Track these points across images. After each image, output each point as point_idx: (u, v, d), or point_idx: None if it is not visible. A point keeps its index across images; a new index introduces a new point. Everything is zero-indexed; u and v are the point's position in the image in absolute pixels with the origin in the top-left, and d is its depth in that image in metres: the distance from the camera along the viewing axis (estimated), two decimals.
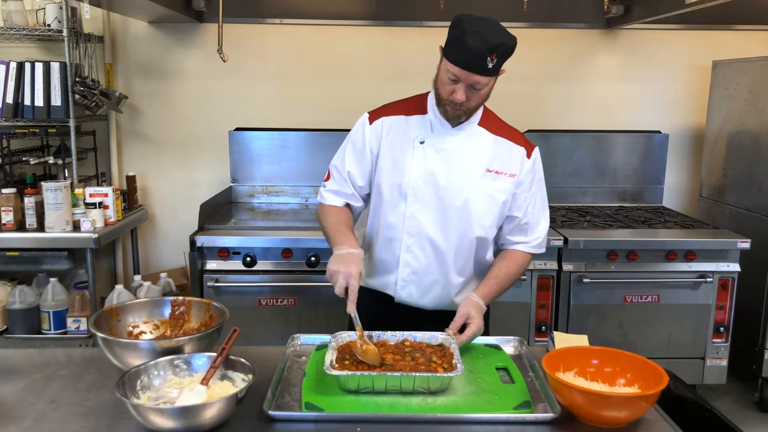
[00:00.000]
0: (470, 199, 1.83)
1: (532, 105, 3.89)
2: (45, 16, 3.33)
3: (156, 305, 1.80)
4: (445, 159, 1.83)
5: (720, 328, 3.15)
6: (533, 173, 1.90)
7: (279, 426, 1.39)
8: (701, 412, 1.63)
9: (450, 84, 1.72)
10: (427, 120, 1.86)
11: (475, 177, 1.83)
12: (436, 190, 1.82)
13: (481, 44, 1.65)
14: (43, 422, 1.39)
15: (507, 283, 1.90)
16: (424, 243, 1.85)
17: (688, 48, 3.89)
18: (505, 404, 1.46)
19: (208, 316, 1.76)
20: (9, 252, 3.06)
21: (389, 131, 1.87)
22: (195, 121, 3.82)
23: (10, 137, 3.33)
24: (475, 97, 1.75)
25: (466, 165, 1.83)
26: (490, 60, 1.67)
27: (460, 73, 1.69)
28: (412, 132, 1.86)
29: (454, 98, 1.73)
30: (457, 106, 1.75)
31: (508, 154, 1.86)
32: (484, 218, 1.85)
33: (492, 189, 1.84)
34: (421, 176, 1.82)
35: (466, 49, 1.66)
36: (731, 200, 3.59)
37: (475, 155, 1.84)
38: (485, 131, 1.87)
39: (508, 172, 1.85)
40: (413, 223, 1.84)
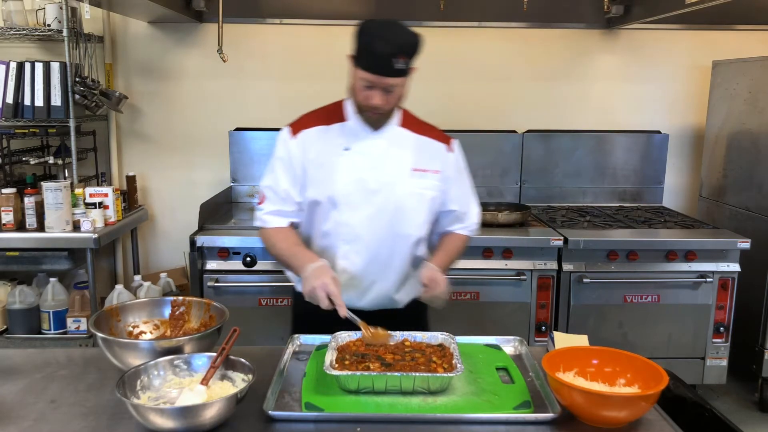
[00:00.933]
0: (401, 200, 1.86)
1: (532, 105, 3.90)
2: (45, 16, 3.33)
3: (156, 305, 1.80)
4: (372, 163, 1.86)
5: (720, 328, 3.15)
6: (456, 165, 1.97)
7: (279, 426, 1.39)
8: (701, 412, 1.63)
9: (365, 90, 1.75)
10: (349, 127, 1.89)
11: (403, 177, 1.87)
12: (367, 194, 1.85)
13: (387, 47, 1.70)
14: (43, 422, 1.39)
15: (454, 258, 1.98)
16: (359, 248, 1.87)
17: (688, 48, 3.89)
18: (505, 404, 1.46)
19: (208, 316, 1.76)
20: (9, 252, 3.06)
21: (313, 143, 1.88)
22: (195, 121, 3.82)
23: (10, 137, 3.33)
24: (391, 98, 1.78)
25: (392, 167, 1.87)
26: (398, 61, 1.71)
27: (373, 79, 1.72)
28: (336, 140, 1.87)
29: (372, 104, 1.75)
30: (376, 110, 1.78)
31: (431, 152, 1.91)
32: (416, 217, 1.89)
33: (420, 187, 1.88)
34: (350, 183, 1.85)
35: (374, 54, 1.71)
36: (731, 200, 3.59)
37: (400, 156, 1.88)
38: (407, 131, 1.91)
39: (432, 168, 1.90)
40: (347, 230, 1.87)
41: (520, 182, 3.84)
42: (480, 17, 3.77)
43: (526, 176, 3.84)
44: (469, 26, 3.79)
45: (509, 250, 3.06)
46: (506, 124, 3.89)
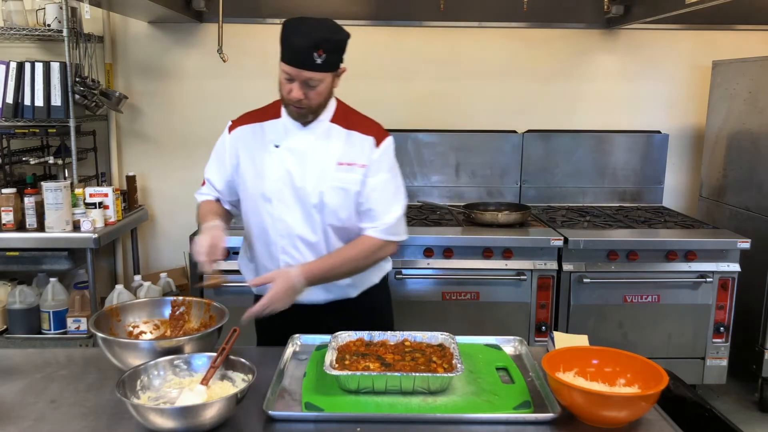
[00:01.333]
0: (325, 194, 1.86)
1: (532, 105, 3.90)
2: (45, 16, 3.33)
3: (156, 305, 1.81)
4: (299, 159, 1.88)
5: (720, 328, 3.15)
6: (382, 161, 1.90)
7: (279, 426, 1.39)
8: (701, 412, 1.63)
9: (287, 84, 1.79)
10: (280, 123, 1.92)
11: (328, 172, 1.87)
12: (295, 190, 1.88)
13: (305, 41, 1.72)
14: (43, 422, 1.39)
15: (344, 266, 1.87)
16: (295, 242, 1.90)
17: (688, 48, 3.89)
18: (505, 404, 1.46)
19: (208, 316, 1.76)
20: (9, 252, 3.07)
21: (246, 139, 1.94)
22: (195, 121, 3.82)
23: (10, 137, 3.33)
24: (313, 93, 1.79)
25: (318, 162, 1.88)
26: (318, 55, 1.72)
27: (291, 71, 1.75)
28: (267, 137, 1.92)
29: (292, 97, 1.78)
30: (297, 104, 1.80)
31: (358, 146, 1.90)
32: (341, 210, 1.89)
33: (344, 181, 1.87)
34: (280, 179, 1.88)
35: (292, 47, 1.74)
36: (731, 200, 3.59)
37: (327, 151, 1.88)
38: (338, 127, 1.91)
39: (359, 162, 1.88)
40: (282, 224, 1.90)
41: (520, 182, 3.85)
42: (480, 17, 3.77)
43: (526, 176, 3.84)
44: (469, 26, 3.79)
45: (509, 250, 3.06)
46: (506, 124, 3.89)
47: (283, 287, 1.75)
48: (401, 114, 3.83)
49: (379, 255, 1.92)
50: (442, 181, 3.83)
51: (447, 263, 3.06)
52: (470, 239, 3.05)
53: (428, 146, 3.79)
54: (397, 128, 3.79)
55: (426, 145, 3.78)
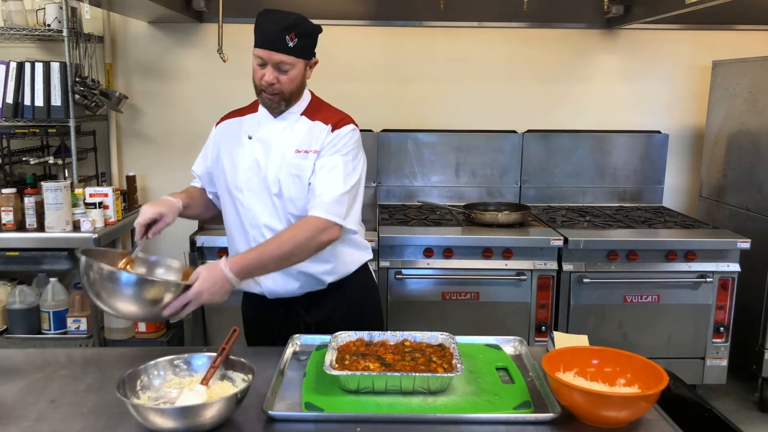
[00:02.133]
0: (282, 182, 1.88)
1: (532, 105, 3.90)
2: (45, 16, 3.33)
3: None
4: (265, 148, 1.91)
5: (720, 328, 3.15)
6: (333, 144, 1.87)
7: (279, 426, 1.39)
8: (701, 412, 1.63)
9: (260, 70, 1.83)
10: (256, 117, 1.97)
11: (286, 160, 1.89)
12: (261, 179, 1.90)
13: (276, 24, 1.79)
14: (43, 422, 1.39)
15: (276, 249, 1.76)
16: (263, 231, 1.92)
17: (688, 48, 3.89)
18: (505, 404, 1.46)
19: None
20: (9, 252, 3.06)
21: (225, 133, 2.01)
22: (195, 121, 3.81)
23: (10, 137, 3.33)
24: (285, 78, 1.82)
25: (280, 150, 1.90)
26: (290, 39, 1.78)
27: (263, 53, 1.80)
28: (244, 129, 1.97)
29: (265, 80, 1.82)
30: (269, 88, 1.83)
31: (317, 133, 1.90)
32: (297, 198, 1.88)
33: (299, 168, 1.87)
34: (250, 169, 1.91)
35: (264, 30, 1.80)
36: (731, 200, 3.59)
37: (289, 140, 1.90)
38: (305, 118, 1.93)
39: (313, 149, 1.88)
40: (251, 214, 1.93)
41: (520, 182, 3.85)
42: (480, 17, 3.77)
43: (526, 176, 3.84)
44: (469, 26, 3.80)
45: (509, 250, 3.06)
46: (506, 124, 3.89)
47: (208, 278, 1.63)
48: (401, 114, 3.84)
49: (320, 237, 1.79)
50: (442, 181, 3.83)
51: (447, 263, 3.06)
52: (470, 239, 3.06)
53: (428, 146, 3.79)
54: (397, 128, 3.79)
55: (426, 145, 3.78)
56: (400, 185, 3.82)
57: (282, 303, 1.97)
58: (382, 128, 3.78)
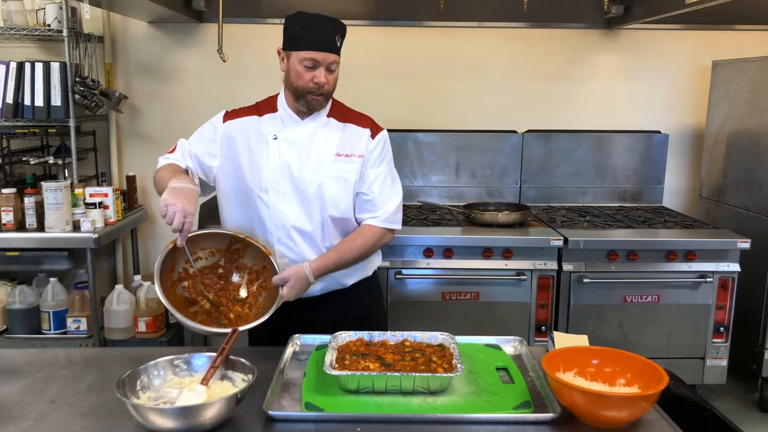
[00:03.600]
0: (323, 184, 1.91)
1: (532, 105, 3.90)
2: (45, 16, 3.33)
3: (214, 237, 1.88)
4: (297, 150, 1.93)
5: (720, 328, 3.15)
6: (379, 153, 1.98)
7: (279, 426, 1.39)
8: (701, 412, 1.63)
9: (308, 72, 1.84)
10: (278, 117, 1.97)
11: (326, 162, 1.92)
12: (293, 180, 1.92)
13: (327, 26, 1.84)
14: (43, 422, 1.39)
15: (350, 256, 1.94)
16: (291, 232, 1.94)
17: (688, 48, 3.89)
18: (505, 404, 1.46)
19: (261, 265, 1.84)
20: (9, 252, 3.06)
21: (242, 131, 1.97)
22: (195, 121, 3.75)
23: (10, 137, 3.33)
24: (332, 78, 1.89)
25: (317, 153, 1.93)
26: (338, 39, 1.86)
27: (318, 56, 1.82)
28: (265, 129, 1.96)
29: (318, 81, 1.83)
30: (320, 90, 1.85)
31: (355, 138, 1.96)
32: (339, 200, 1.93)
33: (343, 171, 1.93)
34: (277, 169, 1.92)
35: (318, 33, 1.82)
36: (731, 200, 3.59)
37: (325, 143, 1.94)
38: (334, 120, 1.97)
39: (356, 153, 1.95)
40: (278, 215, 1.93)
41: (520, 182, 3.85)
42: (480, 17, 3.77)
43: (526, 176, 3.84)
44: (469, 26, 3.80)
45: (509, 250, 3.06)
46: (506, 124, 3.89)
47: (298, 284, 1.82)
48: (401, 114, 3.84)
49: (380, 243, 2.00)
50: (442, 181, 3.83)
51: (447, 263, 3.06)
52: (470, 239, 3.06)
53: (428, 146, 3.79)
54: (397, 128, 3.79)
55: (426, 145, 3.78)
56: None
57: (298, 302, 1.95)
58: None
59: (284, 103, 1.97)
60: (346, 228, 1.99)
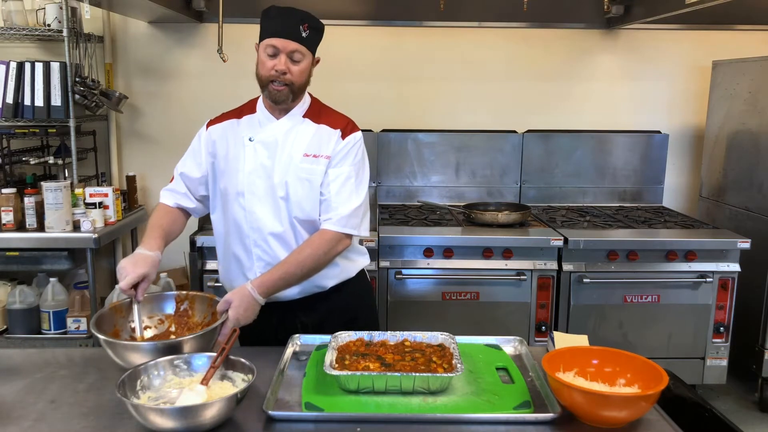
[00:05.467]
0: (290, 185, 1.88)
1: (532, 105, 3.90)
2: (45, 16, 3.33)
3: (159, 300, 1.83)
4: (270, 151, 1.90)
5: (720, 328, 3.15)
6: (345, 153, 1.91)
7: (279, 426, 1.39)
8: (701, 412, 1.63)
9: (270, 60, 1.82)
10: (255, 118, 1.95)
11: (294, 163, 1.89)
12: (266, 182, 1.89)
13: (290, 14, 1.82)
14: (43, 422, 1.39)
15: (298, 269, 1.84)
16: (265, 235, 1.91)
17: (688, 48, 3.89)
18: (505, 404, 1.46)
19: (210, 312, 1.78)
20: (9, 252, 3.07)
21: (222, 135, 1.96)
22: (195, 121, 3.76)
23: (10, 137, 3.33)
24: (296, 69, 1.83)
25: (287, 153, 1.90)
26: (303, 29, 1.81)
27: (278, 42, 1.80)
28: (242, 131, 1.94)
29: (277, 68, 1.81)
30: (280, 78, 1.81)
31: (325, 138, 1.92)
32: (304, 201, 1.89)
33: (308, 173, 1.89)
34: (253, 172, 1.90)
35: (279, 20, 1.81)
36: (731, 200, 3.59)
37: (295, 143, 1.91)
38: (309, 121, 1.94)
39: (323, 154, 1.90)
40: (253, 217, 1.91)
41: (520, 182, 3.85)
42: (480, 17, 3.77)
43: (526, 176, 3.84)
44: (469, 26, 3.80)
45: (509, 250, 3.06)
46: (506, 124, 3.89)
47: (242, 305, 1.75)
48: (401, 114, 3.84)
49: (334, 251, 1.88)
50: (442, 181, 3.83)
51: (447, 263, 3.06)
52: (470, 239, 3.06)
53: (428, 146, 3.79)
54: (397, 128, 3.79)
55: (426, 145, 3.78)
56: (400, 185, 3.82)
57: (278, 306, 1.94)
58: (382, 128, 3.78)
59: (261, 104, 1.96)
60: (317, 228, 1.92)
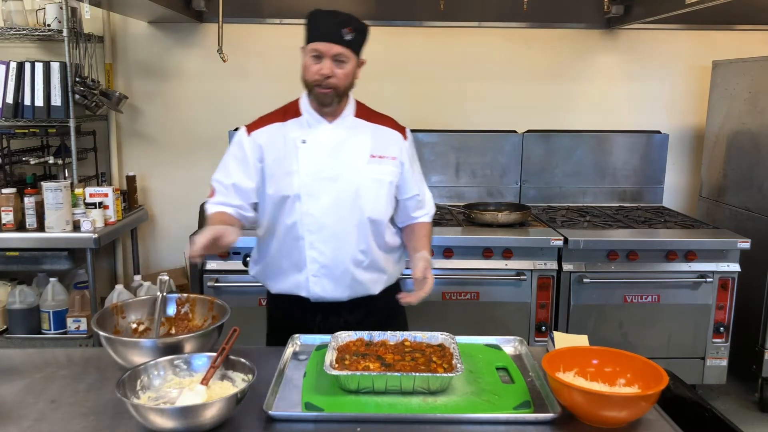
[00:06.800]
0: (361, 186, 1.90)
1: (532, 105, 3.90)
2: (45, 16, 3.33)
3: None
4: (329, 153, 1.90)
5: (720, 328, 3.15)
6: (413, 152, 2.06)
7: (279, 426, 1.39)
8: (701, 412, 1.63)
9: (315, 64, 1.82)
10: (304, 121, 1.94)
11: (362, 164, 1.91)
12: (326, 183, 1.89)
13: (334, 18, 1.82)
14: (43, 422, 1.39)
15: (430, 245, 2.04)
16: (325, 236, 1.91)
17: (688, 48, 3.89)
18: (505, 404, 1.46)
19: (211, 315, 1.77)
20: (9, 252, 3.07)
21: (269, 139, 1.93)
22: (195, 121, 3.82)
23: (10, 137, 3.33)
24: (341, 72, 1.83)
25: (350, 155, 1.91)
26: (347, 32, 1.81)
27: (322, 46, 1.80)
28: (291, 134, 1.92)
29: (322, 72, 1.81)
30: (325, 81, 1.82)
31: (387, 139, 1.98)
32: (376, 202, 1.93)
33: (378, 173, 1.93)
34: (310, 174, 1.89)
35: (323, 24, 1.82)
36: (731, 200, 3.59)
37: (357, 144, 1.93)
38: (362, 121, 1.97)
39: (390, 155, 1.96)
40: (311, 219, 1.90)
41: (520, 182, 3.85)
42: (480, 17, 3.77)
43: (526, 176, 3.84)
44: (469, 26, 3.80)
45: (509, 250, 3.06)
46: (506, 124, 3.89)
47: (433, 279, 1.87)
48: (401, 114, 3.76)
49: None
50: (442, 181, 3.83)
51: (447, 263, 3.06)
52: (470, 239, 3.05)
53: (428, 146, 3.79)
54: None
55: (426, 145, 3.78)
56: None
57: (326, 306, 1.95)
58: None
59: (308, 107, 1.93)
60: (380, 230, 1.96)
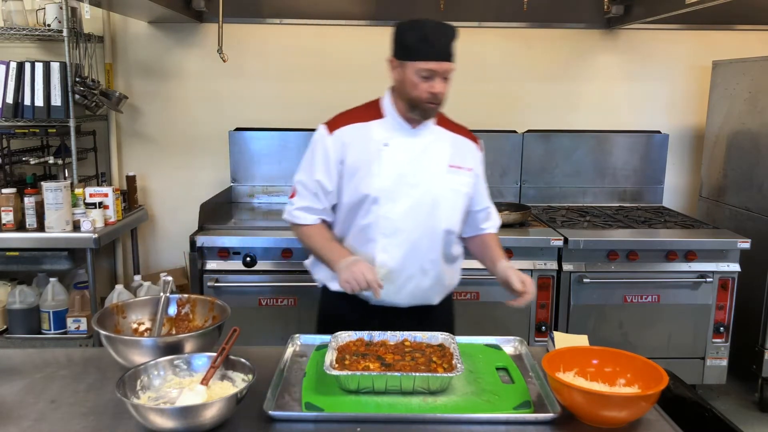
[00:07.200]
0: (439, 195, 1.91)
1: (532, 105, 3.90)
2: (45, 16, 3.33)
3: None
4: (411, 159, 1.90)
5: (720, 328, 3.15)
6: (483, 164, 2.08)
7: (279, 426, 1.39)
8: (701, 412, 1.63)
9: (424, 82, 1.81)
10: (388, 123, 1.93)
11: (441, 173, 1.92)
12: (406, 188, 1.89)
13: (445, 35, 1.84)
14: (43, 422, 1.39)
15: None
16: (399, 241, 1.90)
17: (688, 48, 3.89)
18: (505, 404, 1.46)
19: (211, 315, 1.78)
20: (9, 252, 3.06)
21: (353, 139, 1.91)
22: (195, 121, 3.81)
23: (10, 137, 3.33)
24: (447, 88, 1.86)
25: (431, 163, 1.92)
26: (453, 47, 1.85)
27: (437, 66, 1.80)
28: (375, 136, 1.91)
29: (435, 91, 1.81)
30: (437, 99, 1.83)
31: (464, 150, 1.99)
32: (452, 212, 1.95)
33: (457, 183, 1.95)
34: (390, 177, 1.88)
35: (435, 43, 1.82)
36: (731, 200, 3.59)
37: (438, 153, 1.94)
38: (443, 129, 1.98)
39: (466, 166, 1.97)
40: (387, 223, 1.89)
41: (520, 182, 3.84)
42: (480, 17, 3.77)
43: (526, 176, 3.84)
44: (469, 26, 3.79)
45: (509, 250, 3.05)
46: (506, 124, 3.88)
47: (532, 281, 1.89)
48: None
49: None
50: None
51: None
52: None
53: None
54: None
55: None
56: None
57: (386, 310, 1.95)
58: None
59: (393, 110, 1.92)
60: (451, 241, 1.98)
